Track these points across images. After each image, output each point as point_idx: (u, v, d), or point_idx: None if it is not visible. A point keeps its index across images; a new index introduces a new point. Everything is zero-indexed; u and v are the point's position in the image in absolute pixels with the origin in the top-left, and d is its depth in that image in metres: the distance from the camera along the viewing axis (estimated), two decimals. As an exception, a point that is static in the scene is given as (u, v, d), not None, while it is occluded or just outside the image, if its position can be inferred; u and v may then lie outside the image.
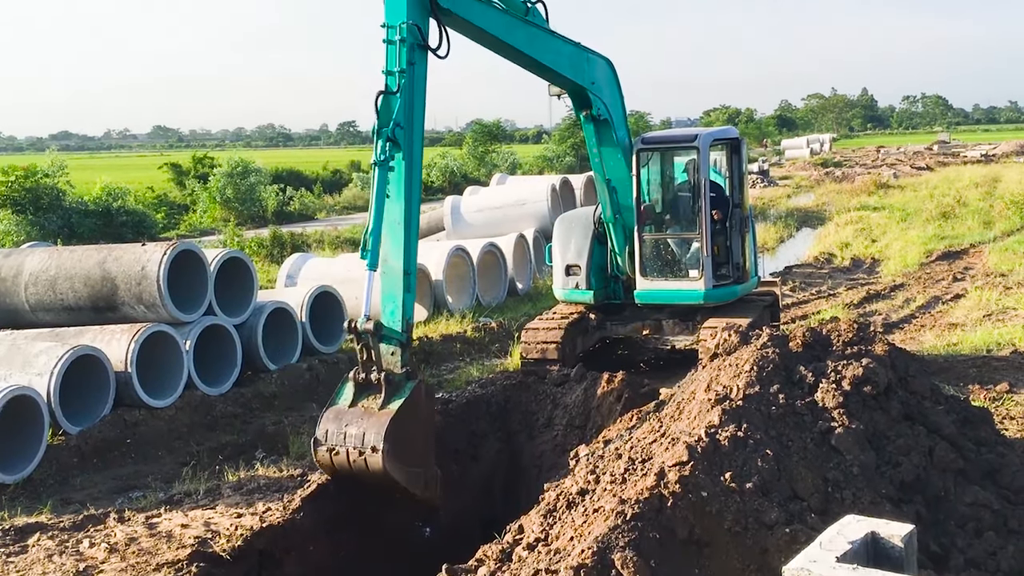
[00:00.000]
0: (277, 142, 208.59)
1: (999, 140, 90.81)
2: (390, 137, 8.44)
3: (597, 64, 12.18)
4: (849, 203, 37.61)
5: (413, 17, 8.64)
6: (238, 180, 39.05)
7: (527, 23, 10.88)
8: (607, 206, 13.07)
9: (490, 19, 10.22)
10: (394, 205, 8.50)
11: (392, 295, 8.45)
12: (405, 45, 8.55)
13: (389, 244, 8.43)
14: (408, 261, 8.48)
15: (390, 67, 8.62)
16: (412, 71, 8.66)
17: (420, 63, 8.83)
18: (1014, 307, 16.05)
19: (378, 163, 8.43)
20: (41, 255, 14.00)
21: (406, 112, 8.62)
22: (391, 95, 8.54)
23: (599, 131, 12.58)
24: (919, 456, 6.44)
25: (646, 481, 5.84)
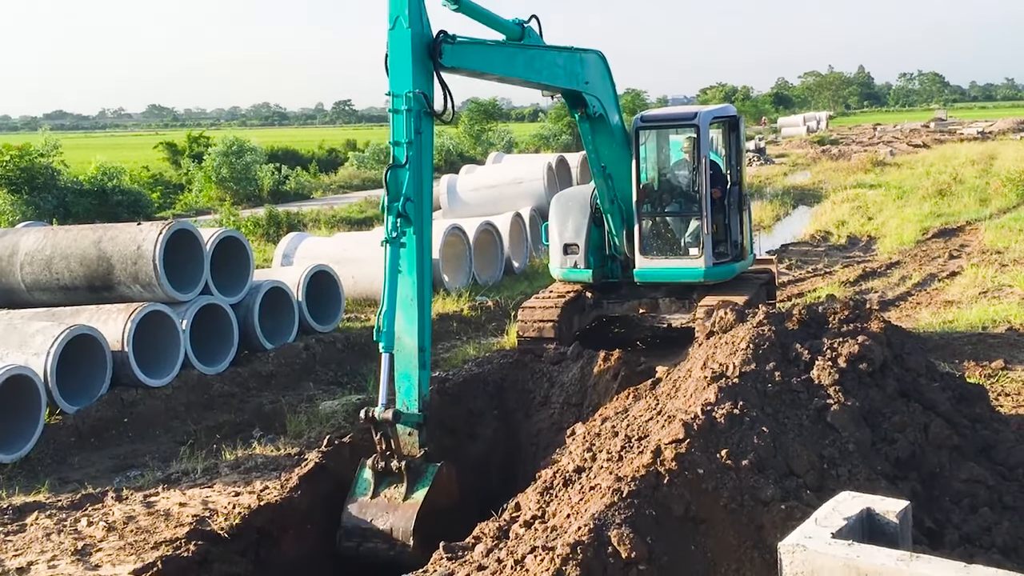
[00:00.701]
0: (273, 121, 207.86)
1: (996, 117, 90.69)
2: (400, 212, 8.21)
3: (589, 63, 12.06)
4: (845, 181, 37.57)
5: (419, 85, 8.44)
6: (233, 159, 38.93)
7: (524, 47, 10.77)
8: (604, 195, 13.05)
9: (491, 62, 10.21)
10: (406, 280, 8.32)
11: (407, 373, 8.26)
12: (412, 114, 8.35)
13: (402, 321, 8.25)
14: (423, 337, 8.30)
15: (397, 137, 8.38)
16: (419, 140, 8.42)
17: (427, 130, 8.61)
18: (1010, 284, 16.08)
19: (389, 240, 8.19)
20: (36, 235, 13.97)
21: (415, 184, 8.37)
22: (400, 168, 8.32)
23: (595, 127, 12.53)
24: (914, 433, 6.46)
25: (642, 459, 5.86)
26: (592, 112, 12.21)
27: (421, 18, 8.51)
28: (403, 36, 8.43)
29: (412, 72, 8.43)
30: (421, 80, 8.52)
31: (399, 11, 8.40)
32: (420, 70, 8.53)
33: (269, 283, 14.38)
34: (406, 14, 8.37)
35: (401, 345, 8.20)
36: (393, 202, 8.24)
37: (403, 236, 8.24)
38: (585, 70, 11.91)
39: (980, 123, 79.28)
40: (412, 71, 8.43)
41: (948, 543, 5.76)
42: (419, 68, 8.51)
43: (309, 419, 11.54)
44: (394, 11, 8.43)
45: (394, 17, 8.42)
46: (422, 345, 8.25)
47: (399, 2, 8.40)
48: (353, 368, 14.28)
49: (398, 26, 8.43)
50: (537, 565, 5.25)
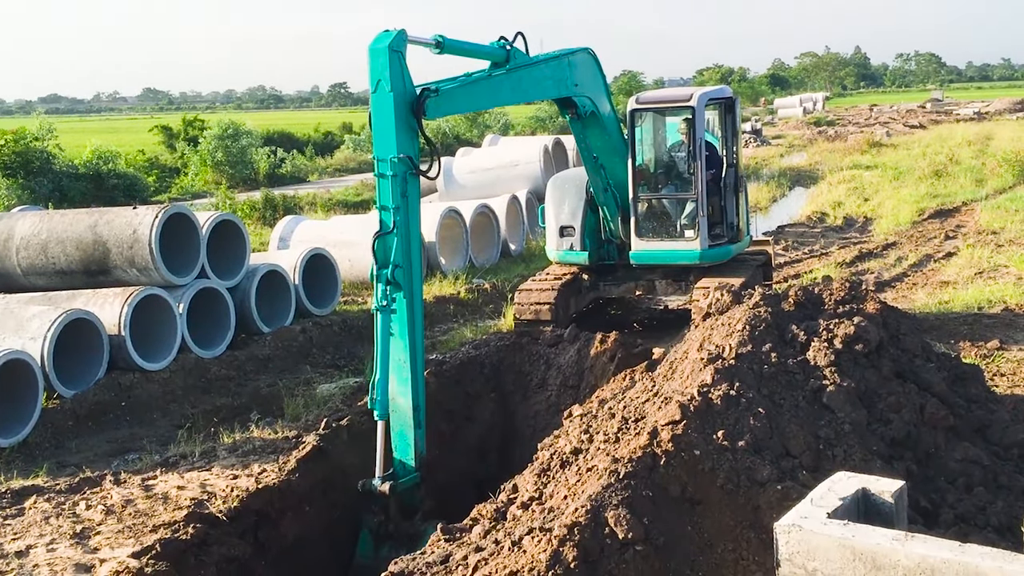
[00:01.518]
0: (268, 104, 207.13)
1: (992, 98, 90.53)
2: (390, 280, 8.16)
3: (578, 64, 11.82)
4: (842, 162, 37.53)
5: (404, 148, 8.26)
6: (229, 143, 38.82)
7: (510, 72, 10.39)
8: (597, 184, 13.02)
9: (477, 99, 10.11)
10: (398, 343, 8.24)
11: (403, 433, 8.26)
12: (398, 179, 8.24)
13: (396, 383, 8.22)
14: (416, 395, 8.27)
15: (384, 202, 8.29)
16: (406, 203, 8.32)
17: (413, 191, 8.46)
18: (1005, 264, 16.10)
19: (379, 308, 8.14)
20: (32, 219, 13.95)
21: (403, 249, 8.27)
22: (387, 235, 8.23)
23: (587, 124, 12.45)
24: (910, 413, 6.49)
25: (639, 440, 5.88)
26: (583, 112, 12.11)
27: (403, 78, 8.25)
28: (386, 100, 8.20)
29: (396, 136, 8.22)
30: (406, 143, 8.30)
31: (380, 74, 8.15)
32: (404, 132, 8.31)
33: (266, 266, 14.37)
34: (387, 76, 8.12)
35: (396, 406, 8.18)
36: (382, 269, 8.16)
37: (393, 303, 8.16)
38: (574, 72, 11.74)
39: (976, 104, 79.19)
40: (396, 135, 8.22)
41: (943, 523, 5.80)
42: (403, 130, 8.30)
43: (307, 402, 11.55)
44: (375, 74, 8.18)
45: (375, 80, 8.17)
46: (417, 404, 8.22)
47: (380, 65, 8.14)
48: (350, 351, 14.29)
49: (380, 89, 8.19)
50: (534, 546, 5.27)
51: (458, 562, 5.69)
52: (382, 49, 8.12)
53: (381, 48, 8.13)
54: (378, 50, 8.14)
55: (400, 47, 8.20)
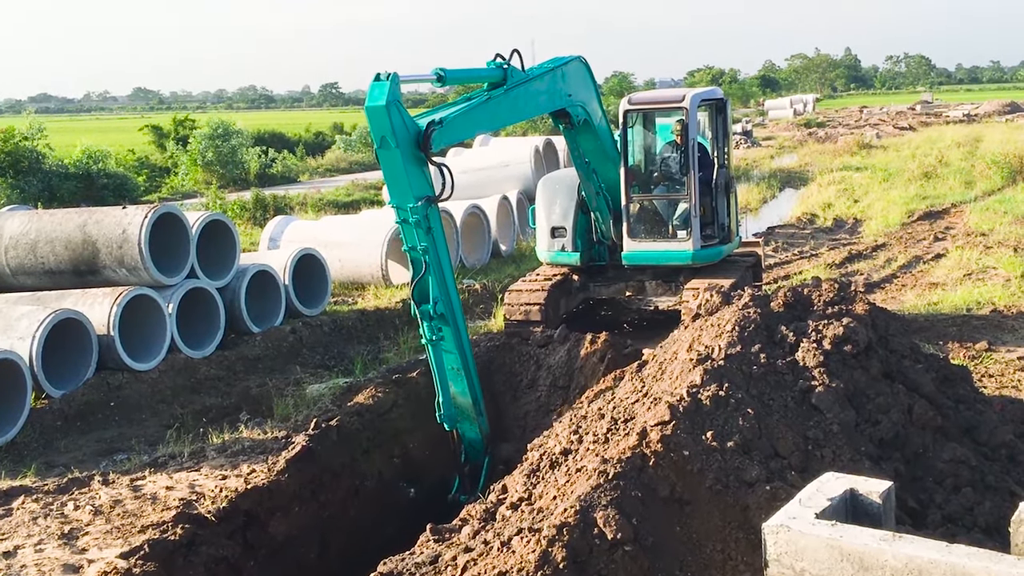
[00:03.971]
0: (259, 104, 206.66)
1: (982, 100, 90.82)
2: (433, 315, 8.46)
3: (570, 74, 11.81)
4: (832, 163, 37.63)
5: (419, 192, 8.29)
6: (219, 143, 38.70)
7: (506, 93, 10.33)
8: (589, 188, 13.02)
9: (478, 124, 10.17)
10: (451, 357, 8.72)
11: (469, 423, 9.05)
12: (421, 221, 8.32)
13: (454, 388, 8.86)
14: (474, 391, 8.95)
15: (411, 244, 8.42)
16: (432, 237, 8.42)
17: (436, 220, 8.54)
18: (994, 266, 16.17)
19: (430, 343, 8.54)
20: (21, 218, 13.90)
21: (439, 279, 8.48)
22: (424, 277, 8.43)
23: (579, 132, 12.43)
24: (898, 414, 6.51)
25: (628, 441, 5.89)
26: (576, 121, 12.11)
27: (405, 125, 8.20)
28: (392, 155, 8.17)
29: (410, 183, 8.24)
30: (419, 186, 8.33)
31: (382, 131, 8.07)
32: (416, 175, 8.33)
33: (256, 267, 14.35)
34: (390, 132, 8.04)
35: (459, 404, 8.95)
36: (424, 305, 8.47)
37: (442, 332, 8.55)
38: (567, 83, 11.74)
39: (966, 106, 79.40)
40: (410, 182, 8.23)
41: (931, 523, 5.82)
42: (415, 174, 8.32)
43: (296, 402, 11.54)
44: (377, 131, 8.11)
45: (379, 137, 8.11)
46: (475, 399, 8.97)
47: (381, 124, 8.05)
48: (340, 351, 14.28)
49: (385, 145, 8.13)
50: (524, 547, 5.27)
51: (447, 562, 5.69)
52: (380, 108, 7.96)
53: (379, 107, 7.97)
54: (376, 109, 7.98)
55: (396, 97, 8.08)
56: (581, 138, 12.50)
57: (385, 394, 9.71)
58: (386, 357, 13.69)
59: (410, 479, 9.33)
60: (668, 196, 13.29)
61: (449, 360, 8.73)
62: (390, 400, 9.65)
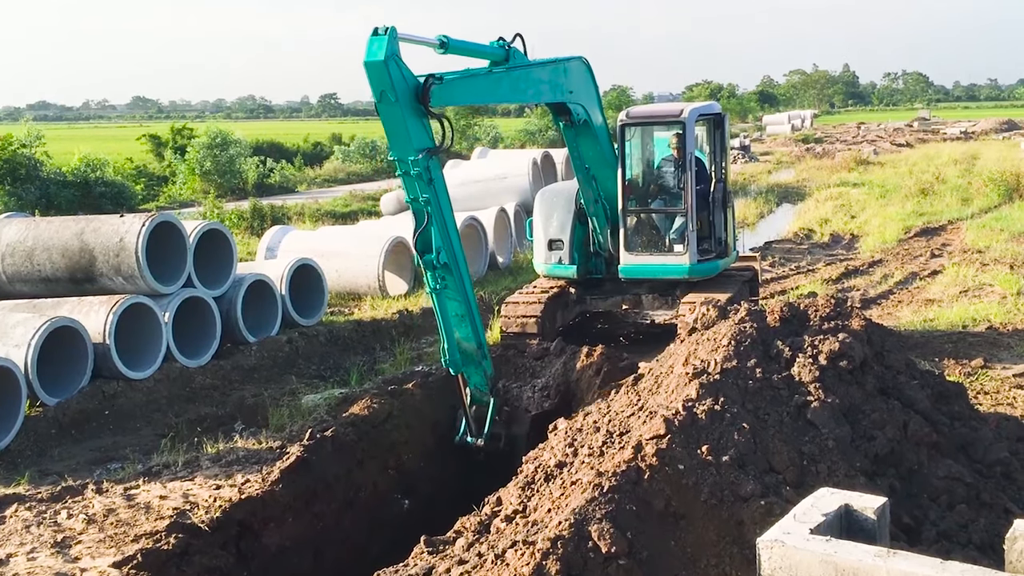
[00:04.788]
0: (258, 114, 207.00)
1: (979, 117, 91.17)
2: (436, 265, 8.77)
3: (572, 71, 11.97)
4: (829, 179, 37.72)
5: (419, 144, 8.50)
6: (217, 152, 38.71)
7: (509, 70, 10.68)
8: (587, 194, 13.07)
9: (478, 92, 10.34)
10: (455, 304, 9.04)
11: (474, 366, 9.40)
12: (422, 173, 8.54)
13: (459, 333, 9.19)
14: (478, 336, 9.28)
15: (412, 195, 8.68)
16: (433, 188, 8.66)
17: (436, 171, 8.79)
18: (990, 283, 16.18)
19: (434, 291, 8.90)
20: (18, 226, 13.89)
21: (441, 230, 8.76)
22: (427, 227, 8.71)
23: (579, 132, 12.52)
24: (893, 430, 6.51)
25: (624, 454, 5.88)
26: (576, 119, 12.20)
27: (404, 79, 8.34)
28: (392, 110, 8.33)
29: (410, 135, 8.41)
30: (419, 138, 8.51)
31: (382, 86, 8.23)
32: (416, 128, 8.50)
33: (252, 276, 14.34)
34: (390, 86, 8.20)
35: (463, 349, 9.27)
36: (427, 255, 8.76)
37: (445, 281, 8.86)
38: (569, 79, 11.86)
39: (963, 123, 79.72)
40: (410, 135, 8.41)
41: (925, 539, 5.81)
42: (415, 126, 8.48)
43: (291, 413, 11.51)
44: (377, 86, 8.26)
45: (379, 91, 8.26)
46: (479, 343, 9.31)
47: (380, 78, 8.20)
48: (336, 362, 14.26)
49: (385, 100, 8.30)
50: (517, 560, 5.26)
51: (441, 575, 5.68)
52: (379, 63, 8.14)
53: (378, 62, 8.14)
54: (375, 64, 8.16)
55: (394, 51, 8.24)
56: (581, 141, 12.58)
57: (380, 405, 9.71)
58: (382, 368, 13.68)
59: (405, 491, 9.32)
60: (665, 210, 13.32)
61: (453, 307, 9.04)
62: (385, 411, 9.64)
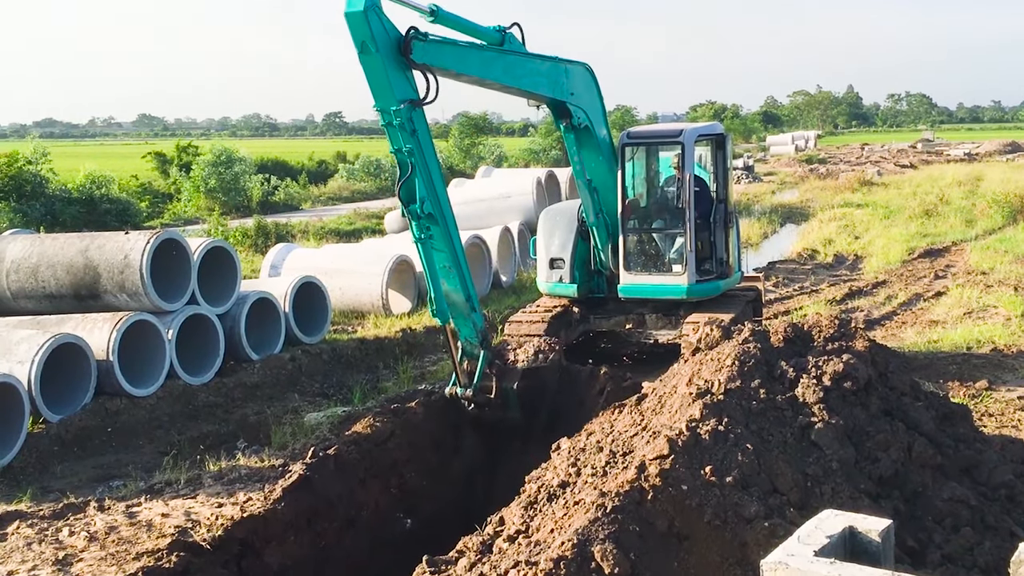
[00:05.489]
0: (263, 132, 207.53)
1: (983, 139, 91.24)
2: (421, 214, 8.92)
3: (575, 74, 12.07)
4: (833, 200, 37.74)
5: (401, 95, 8.67)
6: (222, 169, 38.81)
7: (503, 52, 10.79)
8: (589, 208, 13.09)
9: (466, 62, 10.26)
10: (440, 256, 9.21)
11: (463, 318, 9.55)
12: (405, 123, 8.69)
13: (447, 285, 9.35)
14: (466, 288, 9.41)
15: (396, 146, 8.84)
16: (417, 138, 8.81)
17: (421, 123, 8.92)
18: (994, 305, 16.16)
19: (419, 240, 9.05)
20: (23, 242, 13.91)
21: (426, 180, 8.90)
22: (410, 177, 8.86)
23: (580, 138, 12.57)
24: (898, 452, 6.48)
25: (627, 474, 5.86)
26: (577, 123, 12.25)
27: (385, 30, 8.52)
28: (373, 60, 8.50)
29: (391, 86, 8.59)
30: (401, 89, 8.71)
31: (362, 37, 8.38)
32: (398, 78, 8.69)
33: (256, 294, 14.36)
34: (370, 37, 8.36)
35: (452, 301, 9.44)
36: (411, 204, 8.91)
37: (430, 231, 9.02)
38: (570, 81, 11.93)
39: (967, 145, 79.79)
40: (391, 86, 8.59)
41: (930, 563, 5.78)
42: (396, 77, 8.67)
43: (294, 431, 11.50)
44: (357, 37, 8.40)
45: (359, 42, 8.40)
46: (468, 295, 9.45)
47: (360, 29, 8.35)
48: (339, 380, 14.26)
49: (366, 50, 8.46)
50: (520, 580, 5.24)
51: (443, 595, 5.65)
52: (358, 14, 8.32)
53: (357, 12, 8.32)
54: (355, 15, 8.33)
55: (374, 2, 8.41)
56: (584, 150, 12.64)
57: (383, 424, 9.68)
58: (385, 386, 13.67)
59: (407, 510, 9.28)
60: (664, 230, 13.32)
61: (439, 258, 9.22)
62: (388, 430, 9.61)
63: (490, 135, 66.64)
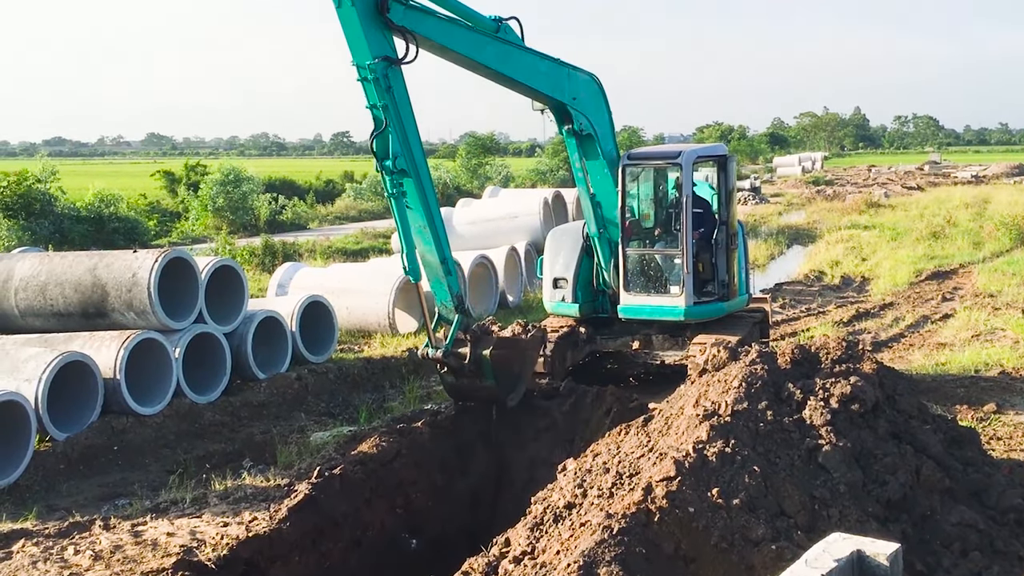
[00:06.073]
0: (271, 151, 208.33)
1: (990, 161, 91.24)
2: (393, 170, 9.11)
3: (579, 80, 12.13)
4: (840, 221, 37.74)
5: (376, 51, 8.95)
6: (230, 188, 38.97)
7: (497, 39, 10.87)
8: (591, 220, 13.12)
9: (453, 38, 10.35)
10: (415, 215, 9.35)
11: (437, 281, 9.74)
12: (380, 80, 8.95)
13: (421, 245, 9.46)
14: (441, 251, 9.55)
15: (372, 102, 9.11)
16: (392, 96, 9.06)
17: (397, 81, 9.18)
18: (1002, 328, 16.12)
19: (392, 196, 9.21)
20: (32, 260, 13.96)
21: (400, 137, 9.11)
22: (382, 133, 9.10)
23: (583, 145, 12.63)
24: (906, 475, 6.46)
25: (633, 496, 5.85)
26: (579, 128, 12.28)
27: None
28: (349, 14, 8.80)
29: (367, 42, 8.89)
30: (377, 45, 8.99)
31: None
32: (374, 35, 8.97)
33: (263, 313, 14.37)
34: None
35: (426, 262, 9.58)
36: (384, 161, 9.18)
37: (403, 187, 9.21)
38: (573, 85, 11.99)
39: (974, 167, 79.81)
40: (367, 42, 8.89)
41: (938, 587, 5.75)
42: (372, 34, 8.95)
43: (300, 450, 11.49)
44: None
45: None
46: (443, 257, 9.59)
47: None
48: (345, 399, 14.25)
49: (343, 4, 8.75)
50: (526, 602, 5.22)
51: (448, 616, 5.63)
52: None
53: None
54: None
55: None
56: (589, 161, 12.67)
57: (389, 443, 9.68)
58: (391, 406, 13.65)
59: (412, 530, 9.26)
60: (663, 251, 13.25)
61: (414, 218, 9.37)
62: (394, 450, 9.61)
63: (497, 155, 66.86)
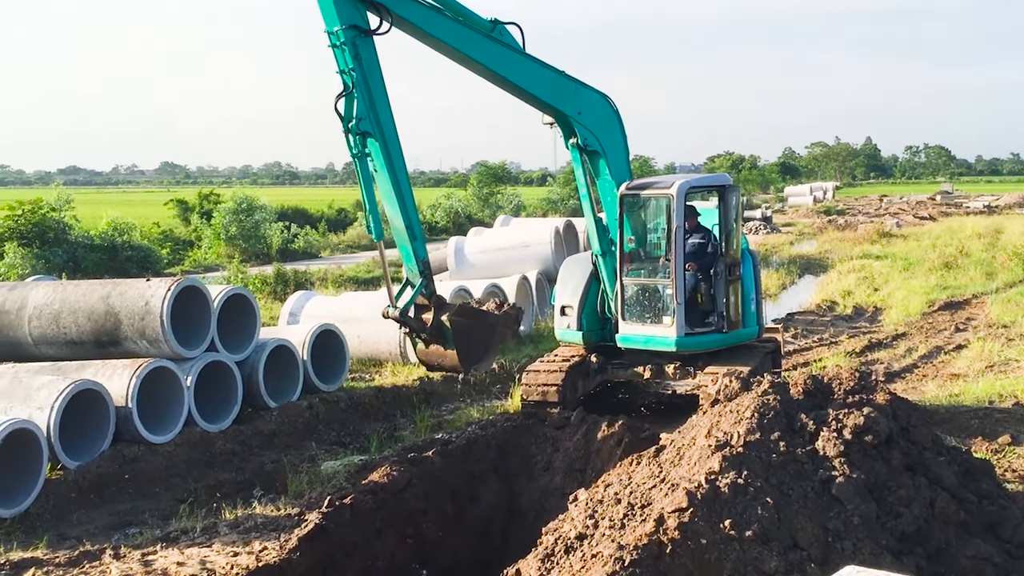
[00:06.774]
0: (284, 180, 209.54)
1: (1002, 191, 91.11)
2: (358, 131, 9.63)
3: (588, 96, 12.16)
4: (852, 251, 37.69)
5: (345, 20, 9.46)
6: (243, 217, 39.17)
7: (491, 39, 10.97)
8: (594, 236, 13.15)
9: (435, 25, 10.59)
10: (381, 178, 9.77)
11: (403, 246, 10.10)
12: (347, 46, 9.48)
13: (388, 209, 9.84)
14: (407, 215, 9.92)
15: (341, 67, 9.62)
16: (360, 64, 9.54)
17: (366, 51, 9.67)
18: (1016, 359, 16.03)
19: (356, 156, 9.71)
20: (46, 289, 14.03)
21: (366, 101, 9.58)
22: (348, 95, 9.62)
23: (590, 161, 12.68)
24: (920, 507, 6.41)
25: (645, 527, 5.82)
26: (584, 144, 12.32)
27: None
28: None
29: (336, 10, 9.40)
30: (346, 14, 9.47)
31: None
32: (344, 5, 9.45)
33: (275, 341, 14.39)
34: None
35: (394, 227, 9.99)
36: (349, 122, 9.66)
37: (367, 148, 9.69)
38: (580, 100, 12.03)
39: (986, 197, 79.75)
40: (336, 10, 9.39)
41: (954, 621, 5.69)
42: (342, 4, 9.44)
43: (310, 479, 11.47)
44: None
45: None
46: (408, 221, 9.94)
47: None
48: (356, 428, 14.23)
49: None
50: (537, 634, 5.19)
51: (459, 648, 5.59)
52: None
53: None
54: None
55: None
56: (601, 183, 12.73)
57: (400, 473, 9.65)
58: (402, 435, 13.64)
59: (423, 561, 9.22)
60: (656, 281, 13.12)
61: (380, 180, 9.80)
62: (405, 479, 9.58)
63: (508, 184, 67.07)
